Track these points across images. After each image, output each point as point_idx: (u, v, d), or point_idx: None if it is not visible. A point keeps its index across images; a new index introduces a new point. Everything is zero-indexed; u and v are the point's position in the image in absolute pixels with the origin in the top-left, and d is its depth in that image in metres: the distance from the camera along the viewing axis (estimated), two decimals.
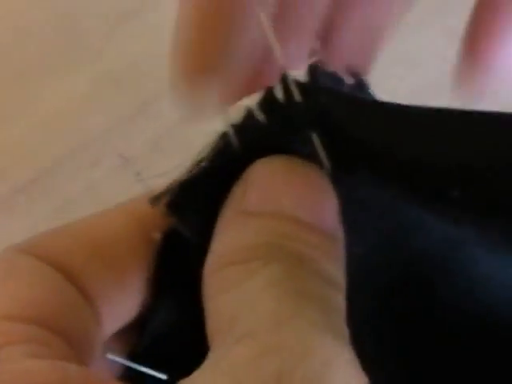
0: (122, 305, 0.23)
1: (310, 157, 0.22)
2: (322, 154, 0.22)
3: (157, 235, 0.23)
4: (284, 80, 0.22)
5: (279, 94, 0.22)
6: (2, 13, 0.54)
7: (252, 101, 0.23)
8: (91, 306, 0.22)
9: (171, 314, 0.23)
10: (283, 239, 0.21)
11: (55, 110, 0.49)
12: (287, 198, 0.21)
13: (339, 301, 0.21)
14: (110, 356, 0.23)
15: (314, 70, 0.23)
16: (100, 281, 0.22)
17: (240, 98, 0.23)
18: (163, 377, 0.23)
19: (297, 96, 0.22)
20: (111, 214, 0.23)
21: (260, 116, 0.22)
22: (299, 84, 0.22)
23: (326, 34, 0.26)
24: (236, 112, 0.23)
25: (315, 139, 0.22)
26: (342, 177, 0.22)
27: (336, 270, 0.21)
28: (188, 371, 0.18)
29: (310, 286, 0.20)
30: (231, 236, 0.22)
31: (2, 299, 0.21)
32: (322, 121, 0.22)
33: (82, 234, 0.23)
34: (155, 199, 0.23)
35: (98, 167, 0.47)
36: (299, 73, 0.23)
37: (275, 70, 0.22)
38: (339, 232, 0.22)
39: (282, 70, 0.22)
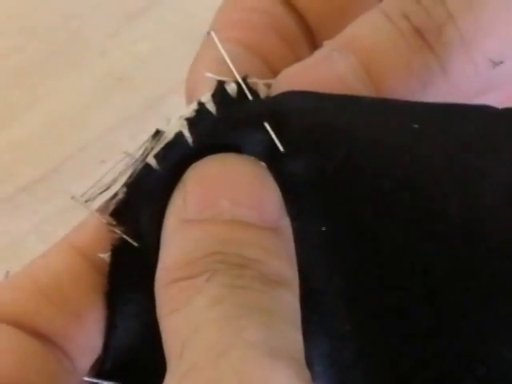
0: (91, 337, 0.23)
1: (257, 148, 0.22)
2: (275, 138, 0.22)
3: (104, 256, 0.23)
4: (238, 83, 0.23)
5: (232, 92, 0.23)
6: (9, 13, 0.54)
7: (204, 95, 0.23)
8: (58, 351, 0.22)
9: (133, 327, 0.23)
10: (224, 246, 0.21)
11: (61, 110, 0.50)
12: (225, 200, 0.21)
13: (289, 301, 0.21)
14: (87, 378, 0.23)
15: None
16: (58, 324, 0.22)
17: None
18: None
19: (249, 96, 0.23)
20: (51, 254, 0.23)
21: (212, 108, 0.23)
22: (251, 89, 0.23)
23: None
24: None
25: (267, 126, 0.22)
26: (289, 155, 0.22)
27: (284, 264, 0.21)
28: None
29: (254, 297, 0.20)
30: (174, 248, 0.22)
31: None
32: (272, 113, 0.22)
33: (27, 282, 0.23)
34: (103, 209, 0.23)
35: (105, 166, 0.47)
36: None
37: None
38: (285, 222, 0.22)
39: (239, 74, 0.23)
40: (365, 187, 0.22)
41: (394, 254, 0.22)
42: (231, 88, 0.23)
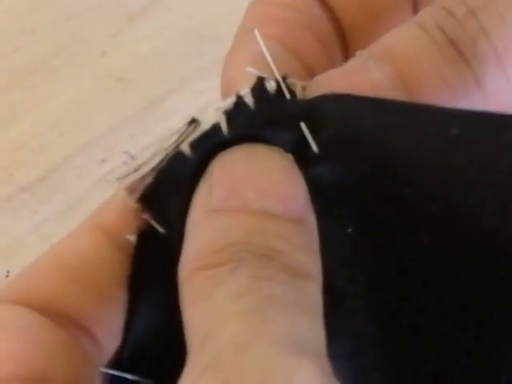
0: (117, 319, 0.23)
1: (288, 146, 0.22)
2: (310, 139, 0.22)
3: (131, 237, 0.23)
4: (278, 81, 0.23)
5: (270, 89, 0.23)
6: (9, 13, 0.54)
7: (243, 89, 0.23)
8: (85, 334, 0.22)
9: (153, 316, 0.23)
10: (250, 236, 0.21)
11: (61, 110, 0.50)
12: (251, 190, 0.21)
13: (313, 294, 0.21)
14: (102, 369, 0.23)
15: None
16: (86, 305, 0.22)
17: None
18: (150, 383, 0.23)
19: (287, 95, 0.23)
20: (77, 235, 0.23)
21: (250, 102, 0.23)
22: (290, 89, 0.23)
23: None
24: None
25: (303, 126, 0.22)
26: (320, 157, 0.22)
27: (308, 257, 0.21)
28: (175, 375, 0.19)
29: (279, 288, 0.20)
30: (199, 237, 0.22)
31: None
32: (308, 114, 0.22)
33: (54, 265, 0.22)
34: (130, 190, 0.23)
35: (105, 165, 0.47)
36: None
37: None
38: (310, 215, 0.22)
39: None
40: (395, 193, 0.22)
41: (420, 258, 0.22)
42: (270, 85, 0.23)
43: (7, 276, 0.43)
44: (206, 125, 0.23)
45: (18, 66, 0.51)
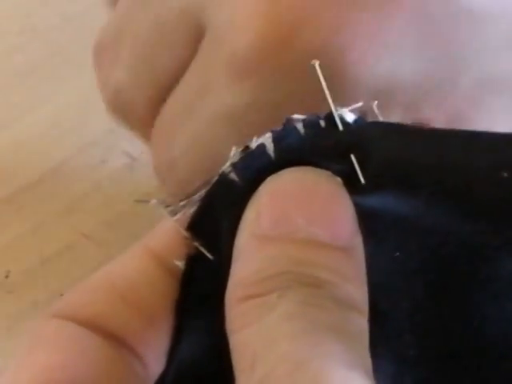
0: (164, 342, 0.23)
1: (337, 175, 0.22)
2: (358, 171, 0.22)
3: (179, 263, 0.23)
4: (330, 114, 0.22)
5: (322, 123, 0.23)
6: (9, 13, 0.54)
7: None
8: (132, 355, 0.22)
9: (199, 341, 0.23)
10: (298, 266, 0.21)
11: (61, 110, 0.50)
12: (300, 216, 0.21)
13: (359, 324, 0.21)
14: None
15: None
16: (134, 327, 0.22)
17: None
18: None
19: (340, 126, 0.22)
20: (127, 257, 0.23)
21: (300, 127, 0.22)
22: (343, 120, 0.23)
23: None
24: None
25: (353, 158, 0.22)
26: (369, 189, 0.22)
27: (355, 288, 0.21)
28: None
29: (327, 315, 0.20)
30: (246, 263, 0.21)
31: (29, 368, 0.21)
32: (359, 144, 0.22)
33: (103, 285, 0.23)
34: (182, 219, 0.23)
35: (105, 166, 0.47)
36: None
37: None
38: (357, 239, 0.22)
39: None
40: (450, 224, 0.22)
41: (465, 288, 0.22)
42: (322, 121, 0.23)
43: (7, 276, 0.43)
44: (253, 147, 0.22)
45: (17, 66, 0.51)
